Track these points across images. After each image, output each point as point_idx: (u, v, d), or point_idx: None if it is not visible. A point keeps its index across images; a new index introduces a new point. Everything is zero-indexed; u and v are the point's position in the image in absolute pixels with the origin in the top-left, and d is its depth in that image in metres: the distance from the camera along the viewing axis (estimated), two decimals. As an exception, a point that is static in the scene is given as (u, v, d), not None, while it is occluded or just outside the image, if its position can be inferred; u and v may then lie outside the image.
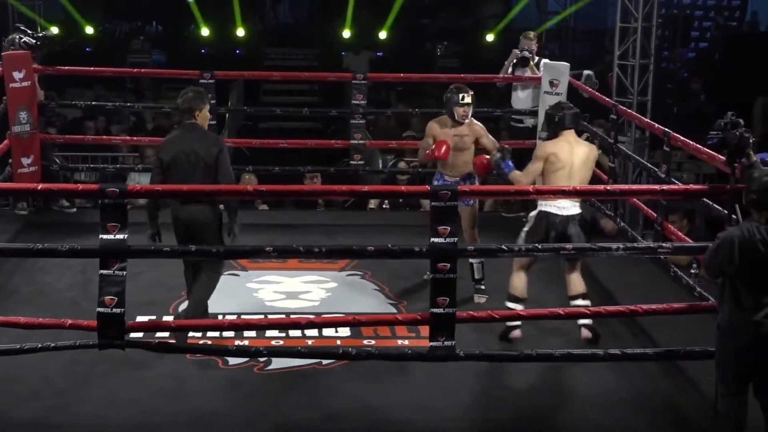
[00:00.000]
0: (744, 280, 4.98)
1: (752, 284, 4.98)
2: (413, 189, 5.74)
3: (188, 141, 6.42)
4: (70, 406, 5.82)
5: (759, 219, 4.97)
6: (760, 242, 4.92)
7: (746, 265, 4.96)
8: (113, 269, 5.25)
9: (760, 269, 4.97)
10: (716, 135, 5.55)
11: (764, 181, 4.95)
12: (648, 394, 6.16)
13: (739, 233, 4.97)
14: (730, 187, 5.67)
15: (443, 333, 5.50)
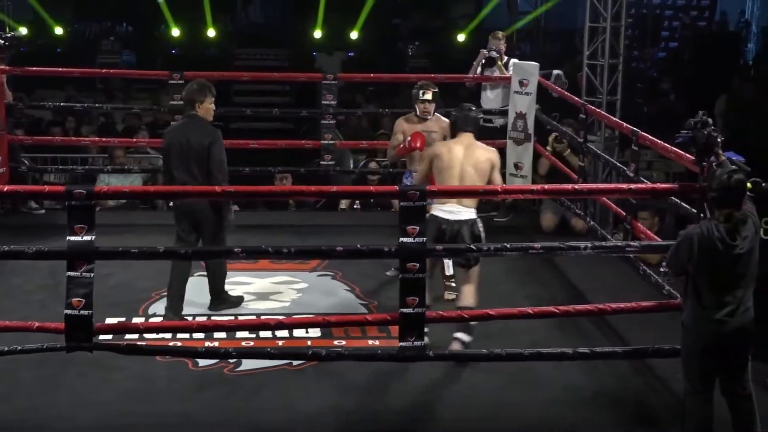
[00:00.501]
0: (704, 278, 5.02)
1: (712, 282, 5.02)
2: (382, 189, 5.74)
3: (184, 131, 6.81)
4: (39, 409, 5.78)
5: (718, 217, 5.01)
6: (718, 240, 4.96)
7: (705, 263, 5.00)
8: (81, 271, 5.22)
9: (720, 267, 5.00)
10: (686, 134, 5.59)
11: (723, 179, 4.99)
12: (618, 392, 6.18)
13: (699, 231, 5.02)
14: (698, 186, 5.70)
15: (413, 333, 5.51)
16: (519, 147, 9.55)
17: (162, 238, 8.22)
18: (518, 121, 9.52)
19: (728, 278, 5.02)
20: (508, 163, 9.67)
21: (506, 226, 9.61)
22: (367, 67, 13.93)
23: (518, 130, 9.53)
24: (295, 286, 7.84)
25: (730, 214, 4.99)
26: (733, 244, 4.97)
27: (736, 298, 5.03)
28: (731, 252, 4.97)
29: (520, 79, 9.47)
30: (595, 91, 9.98)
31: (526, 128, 9.48)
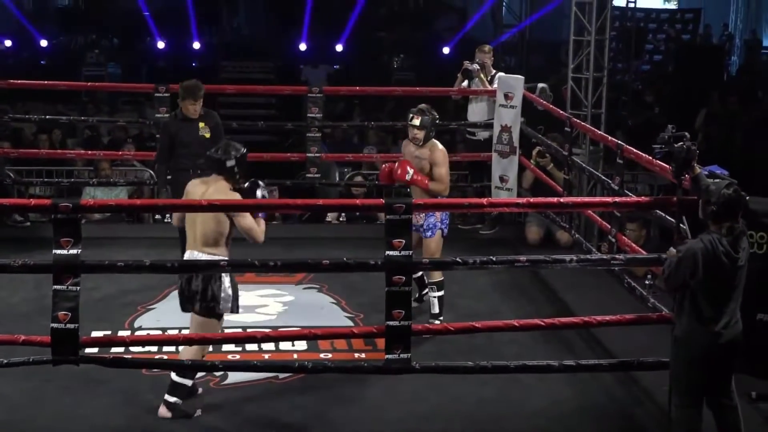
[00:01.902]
0: (706, 292, 5.02)
1: (713, 296, 5.03)
2: (368, 202, 5.74)
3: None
4: (22, 422, 5.76)
5: (719, 230, 5.01)
6: (723, 254, 4.97)
7: (709, 277, 5.00)
8: (67, 284, 5.21)
9: (722, 281, 5.02)
10: (661, 149, 5.62)
11: (724, 193, 5.00)
12: (603, 404, 6.21)
13: (702, 246, 5.00)
14: (676, 199, 5.74)
15: (399, 346, 5.52)
16: (504, 160, 9.59)
17: (147, 252, 8.26)
18: (503, 134, 9.55)
19: (728, 291, 5.04)
20: (494, 176, 9.71)
21: (491, 238, 9.64)
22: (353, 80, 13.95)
23: (503, 143, 9.57)
24: (281, 299, 7.84)
25: (731, 227, 5.01)
26: (736, 257, 5.00)
27: (730, 310, 5.06)
28: (734, 265, 5.00)
29: (505, 92, 9.51)
30: (579, 104, 10.01)
31: (511, 141, 9.51)
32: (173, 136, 8.04)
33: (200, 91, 8.02)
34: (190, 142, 7.99)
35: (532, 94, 9.62)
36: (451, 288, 7.88)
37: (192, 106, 7.98)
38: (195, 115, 8.02)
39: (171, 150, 8.04)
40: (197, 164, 7.79)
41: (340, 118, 14.37)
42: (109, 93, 16.34)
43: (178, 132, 8.04)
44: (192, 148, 7.96)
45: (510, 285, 8.23)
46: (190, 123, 8.04)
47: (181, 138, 8.02)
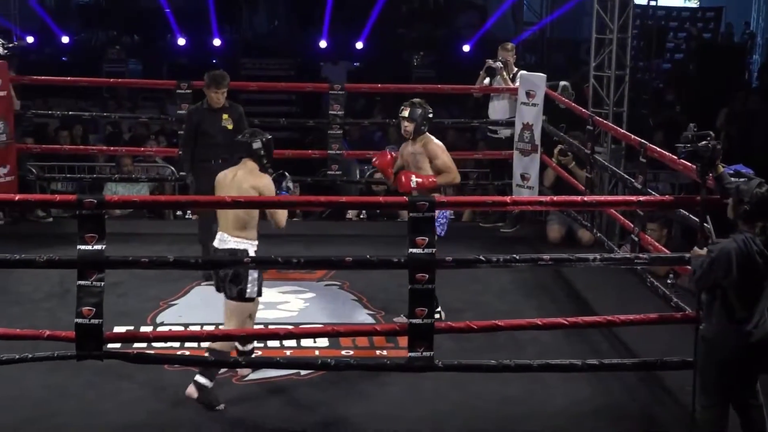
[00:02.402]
0: (738, 292, 4.99)
1: (746, 296, 4.99)
2: (391, 200, 5.74)
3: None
4: (45, 418, 5.78)
5: (752, 230, 4.98)
6: (757, 254, 4.94)
7: (743, 277, 4.97)
8: (91, 280, 5.22)
9: (756, 281, 4.98)
10: (686, 147, 5.59)
11: (757, 192, 4.96)
12: (625, 404, 6.18)
13: (736, 246, 4.95)
14: (701, 198, 5.71)
15: (422, 344, 5.50)
16: (526, 158, 9.58)
17: (169, 247, 8.29)
18: (525, 132, 9.54)
19: (760, 290, 5.01)
20: (515, 174, 9.70)
21: (512, 237, 9.63)
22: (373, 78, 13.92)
23: (525, 141, 9.56)
24: (302, 295, 7.85)
25: (764, 227, 4.98)
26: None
27: (761, 309, 5.03)
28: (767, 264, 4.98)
29: (527, 90, 9.50)
30: (601, 103, 9.98)
31: (532, 139, 9.50)
32: (196, 125, 8.13)
33: (225, 80, 8.11)
34: (213, 132, 8.09)
35: (554, 92, 9.59)
36: (473, 286, 7.91)
37: (215, 94, 8.05)
38: (218, 104, 8.10)
39: (195, 139, 8.14)
40: (219, 155, 7.90)
41: (360, 115, 14.36)
42: (130, 89, 16.38)
43: (202, 121, 8.13)
44: (214, 138, 8.06)
45: (532, 283, 8.22)
46: (214, 113, 8.13)
47: (205, 128, 8.11)
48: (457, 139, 13.33)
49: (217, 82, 8.08)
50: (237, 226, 5.95)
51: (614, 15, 9.85)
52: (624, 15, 9.89)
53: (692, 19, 21.47)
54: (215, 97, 8.09)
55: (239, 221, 5.94)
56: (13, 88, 9.32)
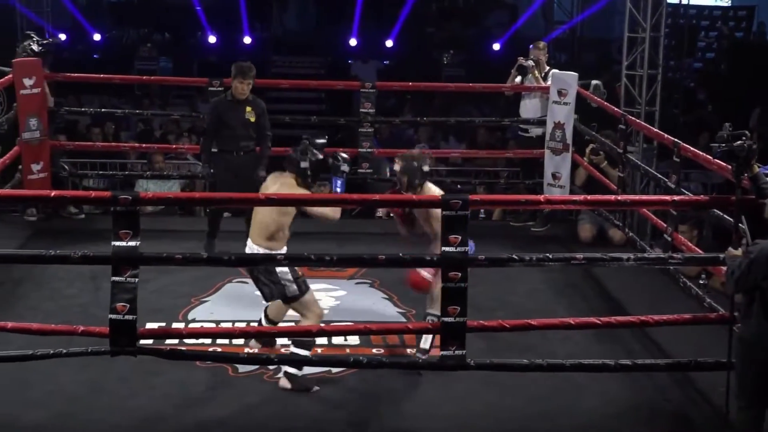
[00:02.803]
0: None
1: None
2: (425, 198, 5.74)
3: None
4: (78, 413, 5.82)
5: None
6: None
7: None
8: (125, 276, 5.25)
9: None
10: (722, 147, 5.56)
11: None
12: (657, 404, 6.15)
13: None
14: (735, 198, 5.68)
15: (454, 342, 5.51)
16: (557, 157, 9.55)
17: (200, 244, 8.32)
18: (556, 131, 9.51)
19: None
20: (546, 173, 9.67)
21: (544, 236, 9.60)
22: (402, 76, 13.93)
23: (556, 140, 9.53)
24: (333, 293, 7.86)
25: None
26: None
27: None
28: None
29: (558, 88, 9.47)
30: (633, 102, 9.95)
31: (564, 138, 9.47)
32: (220, 116, 8.32)
33: (250, 71, 8.29)
34: (236, 124, 8.29)
35: (586, 90, 9.56)
36: (504, 285, 7.90)
37: (240, 84, 8.23)
38: (243, 95, 8.28)
39: (217, 130, 8.30)
40: (240, 146, 8.28)
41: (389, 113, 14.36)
42: (161, 86, 16.45)
43: (225, 112, 8.32)
44: (236, 130, 8.29)
45: (563, 283, 8.19)
46: (238, 105, 8.31)
47: (228, 119, 8.29)
48: (488, 138, 13.33)
49: (243, 72, 8.26)
50: (265, 235, 6.04)
51: (647, 14, 9.82)
52: (656, 14, 9.85)
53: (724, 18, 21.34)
54: (240, 88, 8.26)
55: (267, 230, 6.02)
56: (47, 85, 9.38)
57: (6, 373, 6.04)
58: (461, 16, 20.45)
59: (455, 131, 13.95)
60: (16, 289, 7.69)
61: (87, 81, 12.68)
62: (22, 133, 9.04)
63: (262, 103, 8.50)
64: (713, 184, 11.46)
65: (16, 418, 5.72)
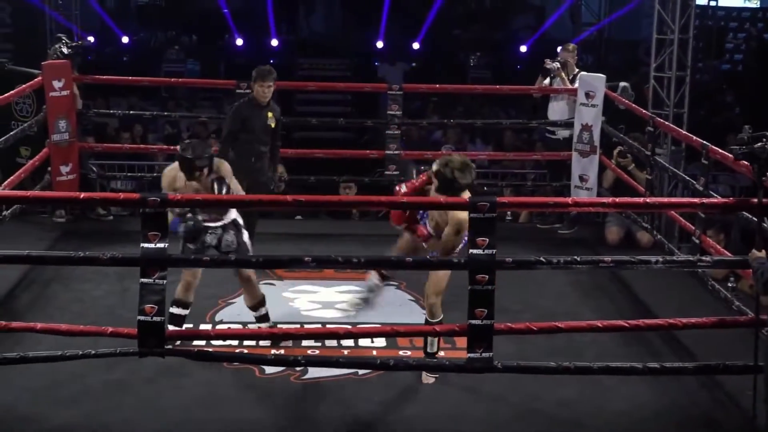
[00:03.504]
0: None
1: None
2: (453, 200, 5.72)
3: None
4: (106, 413, 5.85)
5: None
6: None
7: None
8: (154, 278, 5.27)
9: None
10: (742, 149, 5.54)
11: None
12: (685, 408, 6.12)
13: None
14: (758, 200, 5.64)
15: (481, 344, 5.49)
16: (584, 159, 9.53)
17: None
18: (584, 133, 9.49)
19: None
20: (573, 176, 9.65)
21: (570, 238, 9.58)
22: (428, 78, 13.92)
23: (584, 142, 9.51)
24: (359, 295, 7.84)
25: None
26: None
27: None
28: None
29: (586, 90, 9.45)
30: (661, 104, 9.91)
31: (591, 140, 9.45)
32: (244, 121, 8.26)
33: (271, 75, 8.26)
34: (257, 129, 8.27)
35: (614, 92, 9.53)
36: (531, 288, 7.88)
37: (261, 87, 8.21)
38: (264, 99, 8.26)
39: (237, 134, 8.26)
40: (259, 151, 8.26)
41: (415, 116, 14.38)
42: (188, 89, 16.53)
43: (249, 117, 8.27)
44: (257, 135, 8.28)
45: (589, 285, 8.17)
46: (261, 110, 8.29)
47: (251, 123, 8.25)
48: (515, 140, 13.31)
49: (263, 75, 8.24)
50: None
51: (675, 15, 9.79)
52: (685, 15, 9.81)
53: (752, 20, 21.22)
54: (261, 91, 8.24)
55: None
56: (76, 88, 9.44)
57: (36, 374, 6.08)
58: (488, 18, 20.43)
59: (482, 133, 13.95)
60: (45, 290, 7.75)
61: (116, 83, 12.76)
62: (51, 135, 9.11)
63: (278, 109, 8.54)
64: (741, 187, 11.40)
65: (45, 417, 5.75)
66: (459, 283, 5.76)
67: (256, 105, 8.31)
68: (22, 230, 9.05)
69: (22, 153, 10.13)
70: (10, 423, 5.67)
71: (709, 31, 17.48)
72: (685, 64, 9.89)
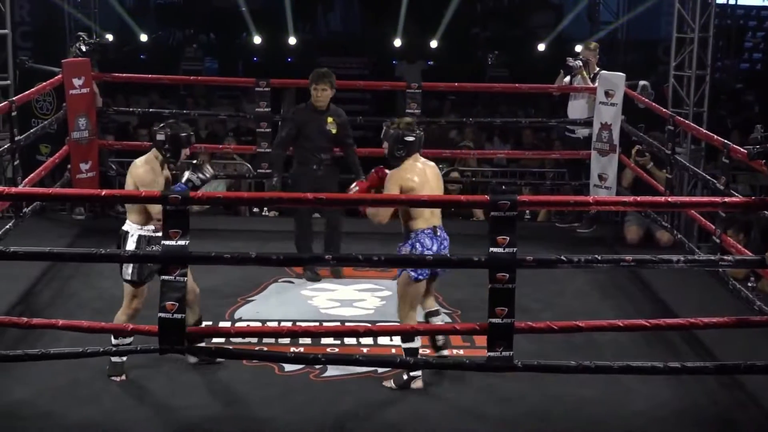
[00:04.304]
0: None
1: None
2: (472, 198, 5.72)
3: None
4: (126, 410, 5.86)
5: None
6: None
7: None
8: (174, 275, 5.27)
9: None
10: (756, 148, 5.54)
11: None
12: (705, 408, 6.10)
13: None
14: None
15: (501, 343, 5.47)
16: (603, 158, 9.50)
17: (246, 244, 8.36)
18: (603, 132, 9.46)
19: None
20: (592, 175, 9.62)
21: (589, 237, 9.56)
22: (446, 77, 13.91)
23: (603, 141, 9.48)
24: (378, 293, 7.87)
25: None
26: None
27: None
28: None
29: (606, 89, 9.42)
30: (681, 103, 9.87)
31: (611, 139, 9.42)
32: (300, 126, 8.04)
33: (324, 77, 8.01)
34: (314, 135, 8.02)
35: (633, 91, 9.50)
36: (550, 287, 7.87)
37: (314, 91, 7.99)
38: (317, 102, 8.01)
39: (294, 140, 8.07)
40: (320, 159, 7.99)
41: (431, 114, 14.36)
42: (206, 87, 16.56)
43: (307, 123, 8.03)
44: (315, 141, 8.02)
45: (609, 284, 8.15)
46: (319, 115, 8.04)
47: (309, 129, 8.02)
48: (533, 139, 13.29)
49: (316, 78, 8.02)
50: (129, 209, 6.15)
51: (695, 14, 9.75)
52: (705, 14, 9.78)
53: (772, 18, 21.13)
54: (314, 95, 8.01)
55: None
56: (95, 86, 9.47)
57: (56, 370, 6.11)
58: (506, 16, 20.39)
59: (500, 132, 13.93)
60: (65, 286, 7.78)
61: (135, 81, 12.79)
62: (71, 133, 9.14)
63: (343, 114, 8.23)
64: (761, 186, 11.34)
65: (65, 414, 5.77)
66: (479, 281, 5.74)
67: (314, 110, 8.06)
68: (42, 227, 9.11)
69: (42, 150, 10.17)
70: (30, 419, 5.69)
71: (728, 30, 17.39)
72: (705, 63, 9.85)
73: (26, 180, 8.25)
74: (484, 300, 5.42)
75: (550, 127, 12.65)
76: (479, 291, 5.66)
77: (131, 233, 6.15)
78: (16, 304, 7.29)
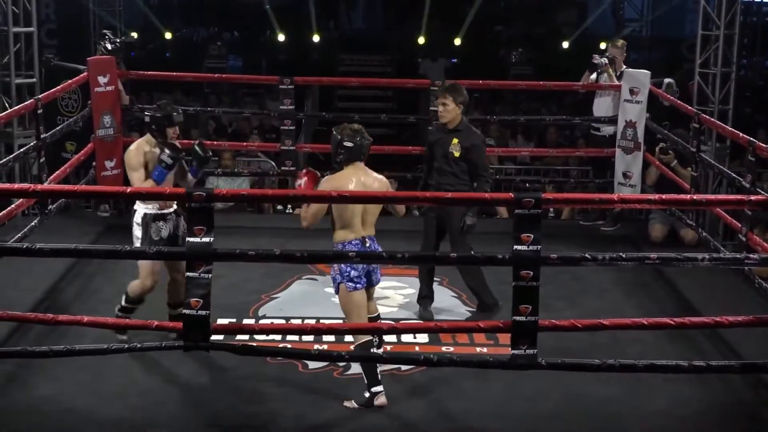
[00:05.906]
0: None
1: None
2: (497, 196, 5.70)
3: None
4: (151, 407, 5.88)
5: None
6: None
7: None
8: (199, 272, 5.27)
9: None
10: None
11: None
12: (729, 406, 6.07)
13: None
14: None
15: (525, 341, 5.46)
16: (628, 156, 9.47)
17: (270, 241, 8.38)
18: (628, 130, 9.43)
19: None
20: (617, 172, 9.59)
21: (613, 235, 9.52)
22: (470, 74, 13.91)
23: (628, 139, 9.44)
24: (402, 291, 7.87)
25: None
26: None
27: None
28: None
29: (631, 87, 9.38)
30: (706, 100, 9.82)
31: (635, 137, 9.38)
32: (430, 145, 7.42)
33: (447, 91, 7.20)
34: (437, 156, 7.26)
35: (658, 89, 9.46)
36: (574, 285, 7.85)
37: (434, 106, 7.51)
38: (442, 119, 7.23)
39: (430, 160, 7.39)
40: (440, 184, 7.15)
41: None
42: (230, 84, 16.61)
43: (434, 142, 7.35)
44: (438, 162, 7.25)
45: (632, 282, 8.11)
46: (446, 135, 7.24)
47: (434, 149, 7.32)
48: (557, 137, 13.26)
49: (440, 90, 7.42)
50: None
51: (721, 11, 9.69)
52: (731, 11, 9.72)
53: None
54: (437, 110, 7.36)
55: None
56: (120, 83, 9.51)
57: (82, 367, 6.14)
58: (530, 14, 20.37)
59: (523, 129, 13.91)
60: (89, 283, 7.82)
61: (159, 79, 12.84)
62: (96, 130, 9.19)
63: (475, 137, 7.25)
64: (787, 184, 11.27)
65: (90, 411, 5.80)
66: (503, 279, 5.73)
67: (443, 128, 7.27)
68: (67, 224, 9.17)
69: (68, 148, 10.25)
70: (55, 415, 5.72)
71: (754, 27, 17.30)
72: (730, 61, 9.80)
73: (52, 177, 8.29)
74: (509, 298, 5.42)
75: (574, 125, 12.60)
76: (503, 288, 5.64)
77: (137, 210, 6.51)
78: (42, 301, 7.34)
